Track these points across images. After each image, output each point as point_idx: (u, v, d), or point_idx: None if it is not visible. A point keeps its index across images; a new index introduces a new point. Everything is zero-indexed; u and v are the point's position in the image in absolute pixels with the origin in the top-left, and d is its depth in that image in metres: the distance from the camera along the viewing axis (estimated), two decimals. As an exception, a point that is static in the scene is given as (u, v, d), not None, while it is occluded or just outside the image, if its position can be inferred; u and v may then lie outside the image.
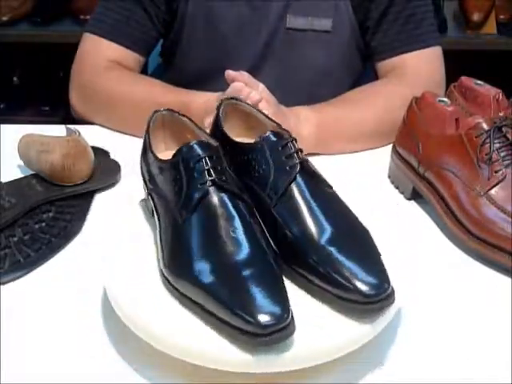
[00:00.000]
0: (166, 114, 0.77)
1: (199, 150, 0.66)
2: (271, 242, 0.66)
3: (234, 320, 0.56)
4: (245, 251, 0.61)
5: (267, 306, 0.56)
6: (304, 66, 1.12)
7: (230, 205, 0.64)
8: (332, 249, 0.62)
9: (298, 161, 0.66)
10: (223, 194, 0.65)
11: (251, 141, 0.70)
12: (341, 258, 0.61)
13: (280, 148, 0.67)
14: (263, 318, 0.55)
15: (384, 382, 0.61)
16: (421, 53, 1.08)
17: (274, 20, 1.10)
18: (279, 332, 0.55)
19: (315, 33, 1.10)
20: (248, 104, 0.77)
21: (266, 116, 0.75)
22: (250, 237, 0.63)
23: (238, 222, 0.64)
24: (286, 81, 1.12)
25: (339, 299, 0.60)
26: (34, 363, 0.62)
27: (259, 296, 0.57)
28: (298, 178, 0.66)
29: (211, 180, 0.64)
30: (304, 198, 0.66)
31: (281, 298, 0.57)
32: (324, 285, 0.61)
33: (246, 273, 0.59)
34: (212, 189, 0.64)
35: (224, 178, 0.65)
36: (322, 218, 0.64)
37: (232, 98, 0.78)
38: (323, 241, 0.63)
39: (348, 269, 0.60)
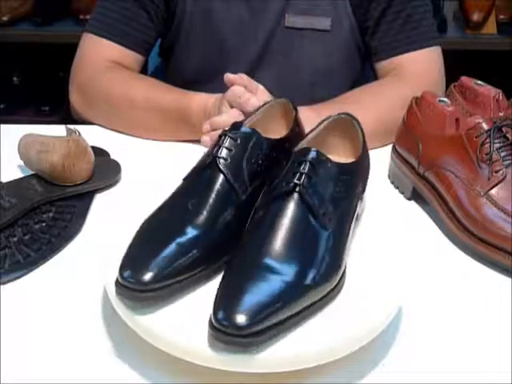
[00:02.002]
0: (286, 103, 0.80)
1: (234, 129, 0.70)
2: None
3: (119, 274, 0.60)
4: (182, 226, 0.64)
5: (142, 267, 0.59)
6: (303, 65, 1.12)
7: (215, 184, 0.67)
8: (248, 273, 0.59)
9: (294, 181, 0.64)
10: (219, 175, 0.67)
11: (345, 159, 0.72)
12: (240, 283, 0.58)
13: (296, 165, 0.66)
14: (129, 273, 0.59)
15: (384, 382, 0.61)
16: (420, 53, 1.08)
17: (273, 19, 1.10)
18: (133, 291, 0.59)
19: (314, 32, 1.10)
20: (358, 125, 0.75)
21: (364, 141, 0.74)
22: (203, 217, 0.64)
23: (207, 201, 0.66)
24: (286, 80, 1.12)
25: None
26: (34, 363, 0.62)
27: (147, 259, 0.60)
28: (285, 199, 0.63)
29: (214, 155, 0.68)
30: (278, 217, 0.63)
31: (163, 267, 0.59)
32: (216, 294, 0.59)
33: (165, 242, 0.62)
34: (212, 165, 0.67)
35: (228, 161, 0.67)
36: (276, 243, 0.61)
37: (348, 115, 0.77)
38: (253, 262, 0.60)
39: (234, 294, 0.57)
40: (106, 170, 0.90)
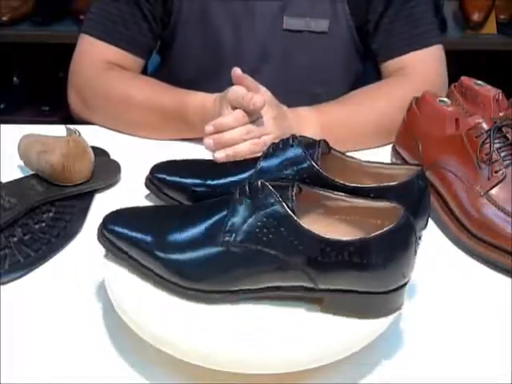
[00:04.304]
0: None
1: (306, 144, 0.72)
2: None
3: None
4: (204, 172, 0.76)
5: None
6: (302, 67, 1.12)
7: (246, 168, 0.74)
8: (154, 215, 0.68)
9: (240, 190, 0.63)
10: (253, 165, 0.74)
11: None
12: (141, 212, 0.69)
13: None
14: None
15: (384, 382, 0.61)
16: (422, 52, 1.08)
17: (271, 21, 1.09)
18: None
19: (312, 34, 1.09)
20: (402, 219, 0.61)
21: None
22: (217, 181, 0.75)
23: (227, 176, 0.75)
24: (285, 82, 1.11)
25: None
26: (34, 363, 0.62)
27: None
28: (226, 198, 0.64)
29: (268, 148, 0.75)
30: (207, 205, 0.66)
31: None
32: None
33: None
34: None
35: (268, 158, 0.73)
36: (181, 218, 0.65)
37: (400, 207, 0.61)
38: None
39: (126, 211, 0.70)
40: (105, 170, 0.90)
